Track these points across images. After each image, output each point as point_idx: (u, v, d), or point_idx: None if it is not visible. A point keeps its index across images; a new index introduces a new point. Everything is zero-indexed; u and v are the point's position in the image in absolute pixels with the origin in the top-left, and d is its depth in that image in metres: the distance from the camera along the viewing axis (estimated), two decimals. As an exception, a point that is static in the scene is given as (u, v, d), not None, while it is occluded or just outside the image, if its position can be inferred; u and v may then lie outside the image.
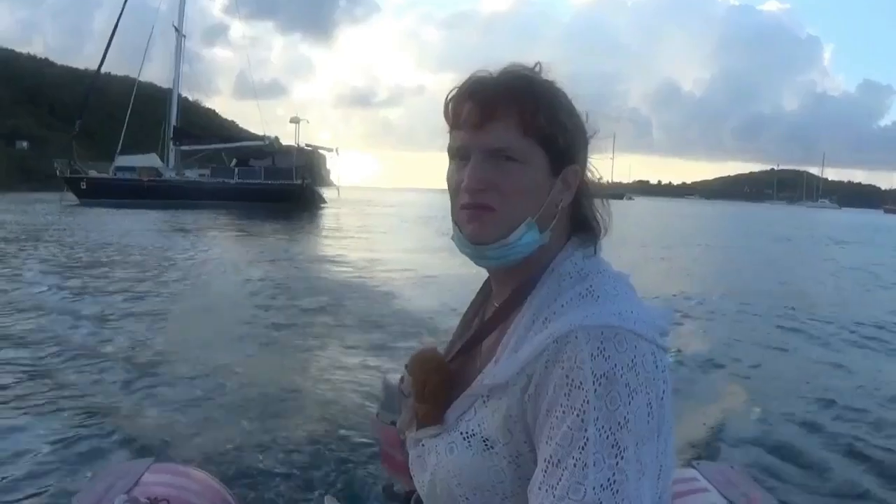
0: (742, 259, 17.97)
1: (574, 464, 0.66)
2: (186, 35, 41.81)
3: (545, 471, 0.68)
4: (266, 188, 34.85)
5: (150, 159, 38.54)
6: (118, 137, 38.51)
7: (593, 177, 0.87)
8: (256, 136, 41.42)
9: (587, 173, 0.86)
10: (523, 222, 0.79)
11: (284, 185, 34.88)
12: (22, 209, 28.21)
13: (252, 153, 38.59)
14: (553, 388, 0.70)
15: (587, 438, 0.66)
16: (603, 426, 0.66)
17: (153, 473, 1.60)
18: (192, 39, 54.55)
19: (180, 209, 28.60)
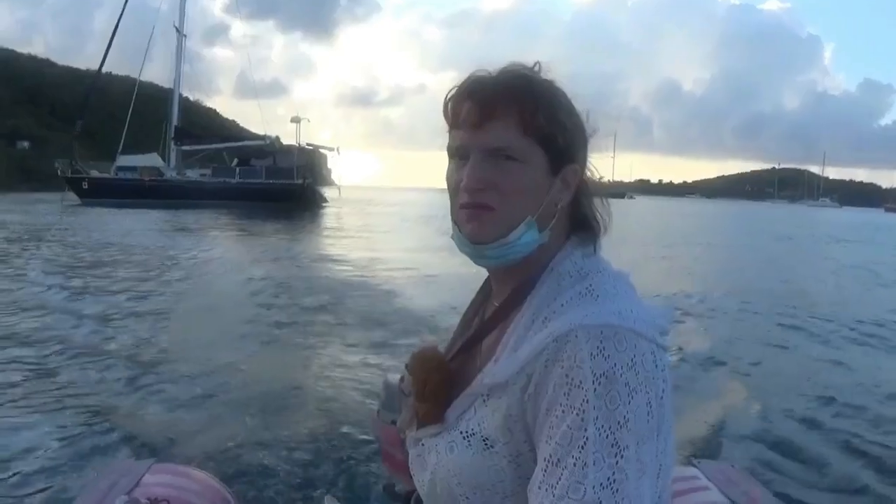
0: (743, 258, 17.98)
1: (574, 463, 0.66)
2: (187, 35, 41.88)
3: (545, 470, 0.68)
4: (267, 188, 34.87)
5: (152, 159, 38.57)
6: (119, 137, 38.54)
7: (593, 176, 0.87)
8: (257, 136, 41.47)
9: (587, 172, 0.85)
10: (522, 221, 0.79)
11: (285, 185, 34.90)
12: (24, 209, 28.25)
13: (253, 153, 38.60)
14: (553, 388, 0.70)
15: (587, 437, 0.66)
16: (602, 425, 0.66)
17: (154, 474, 1.60)
18: (193, 39, 54.57)
19: (182, 209, 28.62)
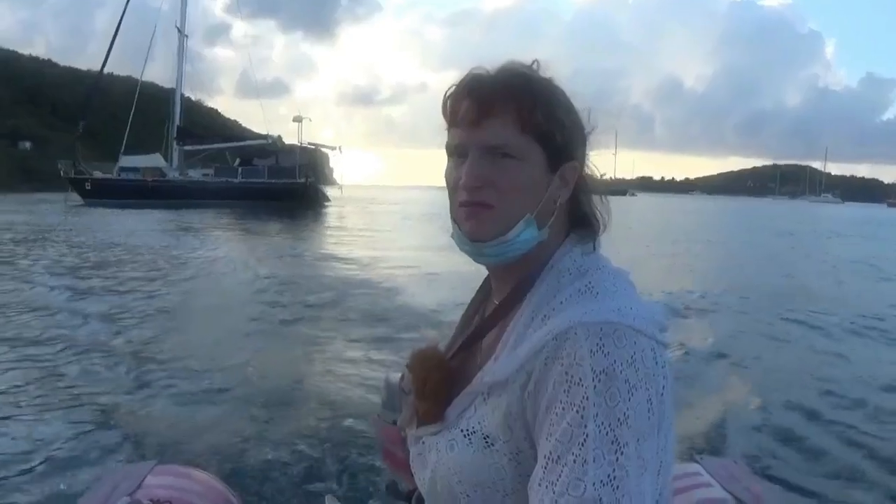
0: (744, 254, 17.97)
1: (574, 460, 0.65)
2: (188, 35, 41.90)
3: (545, 467, 0.68)
4: (270, 187, 34.91)
5: (154, 159, 38.62)
6: (121, 137, 38.54)
7: (593, 173, 0.87)
8: (259, 136, 41.53)
9: (586, 170, 0.85)
10: (521, 219, 0.79)
11: (288, 184, 34.95)
12: (27, 209, 28.29)
13: (255, 152, 38.64)
14: (553, 385, 0.70)
15: (587, 435, 0.66)
16: (602, 422, 0.66)
17: (156, 475, 1.59)
18: (195, 39, 54.54)
19: (184, 209, 28.65)
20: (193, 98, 65.78)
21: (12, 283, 9.07)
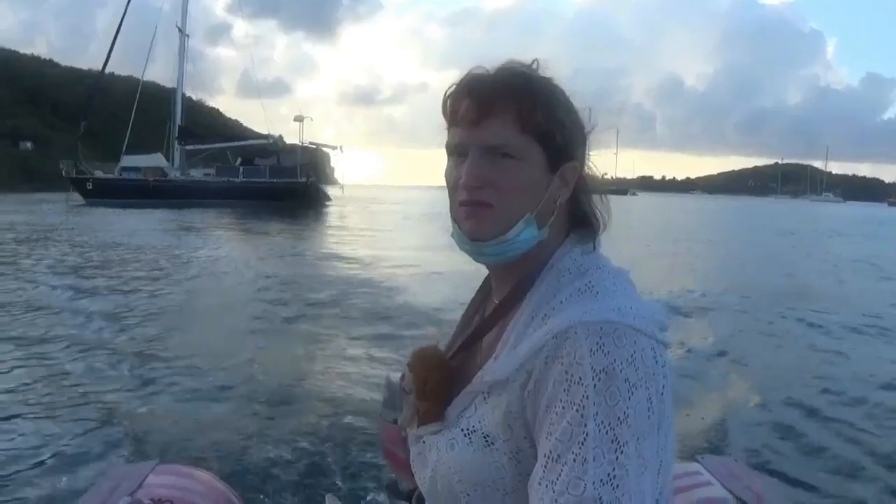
0: (745, 253, 17.98)
1: (574, 459, 0.65)
2: (189, 34, 41.98)
3: (545, 466, 0.68)
4: (271, 186, 34.95)
5: (156, 159, 38.66)
6: (122, 137, 38.59)
7: (593, 173, 0.87)
8: (260, 135, 41.58)
9: (586, 169, 0.85)
10: (521, 219, 0.79)
11: (289, 184, 34.98)
12: (29, 209, 28.33)
13: (256, 152, 38.68)
14: (552, 384, 0.70)
15: (587, 434, 0.66)
16: (602, 421, 0.66)
17: (157, 475, 1.60)
18: (196, 39, 54.60)
19: (186, 208, 28.74)
20: (195, 98, 65.83)
21: (16, 283, 9.11)
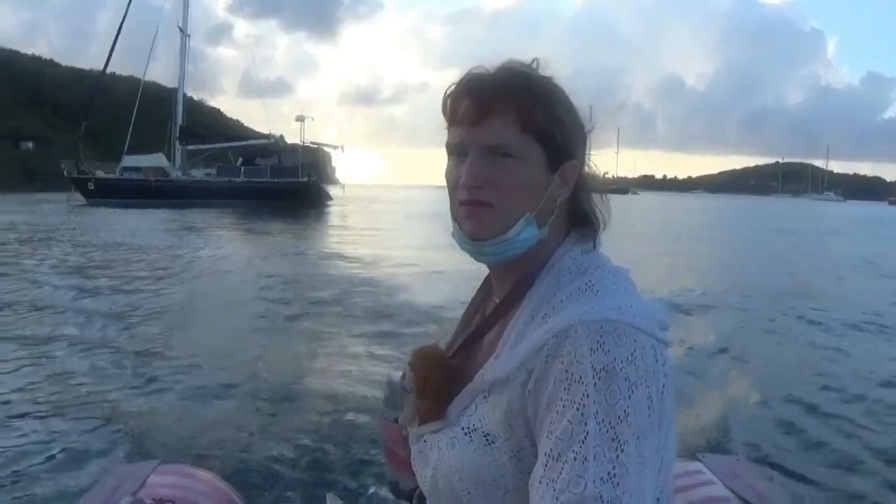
0: (746, 252, 17.98)
1: (574, 457, 0.66)
2: (191, 34, 42.08)
3: (546, 465, 0.68)
4: (272, 186, 35.00)
5: (157, 159, 38.72)
6: (123, 137, 38.65)
7: (593, 172, 0.87)
8: (262, 135, 41.64)
9: (586, 168, 0.86)
10: (521, 218, 0.79)
11: (290, 183, 35.02)
12: (30, 209, 28.41)
13: (258, 152, 38.72)
14: (553, 383, 0.70)
15: (587, 432, 0.66)
16: (603, 420, 0.66)
17: (159, 475, 1.60)
18: (197, 39, 54.76)
19: (187, 208, 28.79)
20: (196, 98, 65.52)
21: (20, 283, 9.13)
